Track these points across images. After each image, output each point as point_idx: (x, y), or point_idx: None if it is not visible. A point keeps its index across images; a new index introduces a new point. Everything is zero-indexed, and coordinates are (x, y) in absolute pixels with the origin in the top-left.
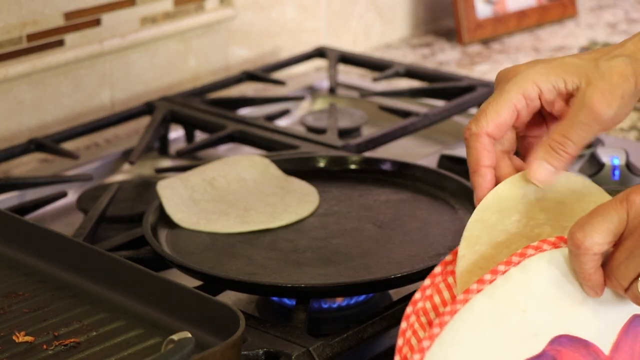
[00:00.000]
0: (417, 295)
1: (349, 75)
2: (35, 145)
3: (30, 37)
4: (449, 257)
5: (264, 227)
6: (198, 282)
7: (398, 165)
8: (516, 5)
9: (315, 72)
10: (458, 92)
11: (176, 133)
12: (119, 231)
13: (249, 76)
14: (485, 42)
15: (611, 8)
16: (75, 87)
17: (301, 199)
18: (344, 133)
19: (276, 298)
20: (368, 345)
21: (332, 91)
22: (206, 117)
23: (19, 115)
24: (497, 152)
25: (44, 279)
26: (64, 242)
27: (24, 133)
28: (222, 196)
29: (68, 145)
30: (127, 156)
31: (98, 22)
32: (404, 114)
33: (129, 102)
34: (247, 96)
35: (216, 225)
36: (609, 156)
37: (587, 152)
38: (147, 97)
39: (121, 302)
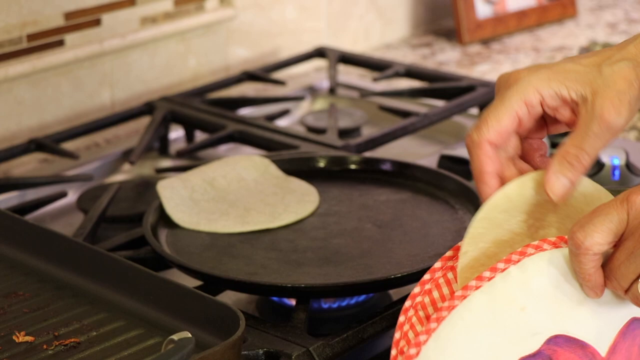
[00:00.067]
0: (416, 289)
1: (349, 75)
2: (35, 145)
3: (30, 37)
4: (450, 253)
5: (264, 227)
6: (198, 282)
7: (398, 165)
8: (516, 5)
9: (315, 72)
10: (458, 92)
11: (176, 133)
12: (119, 231)
13: (249, 76)
14: (485, 42)
15: (611, 8)
16: (75, 87)
17: (301, 199)
18: (344, 133)
19: (276, 298)
20: (368, 345)
21: (332, 91)
22: (206, 117)
23: (19, 115)
24: (502, 159)
25: (44, 279)
26: (64, 242)
27: (24, 133)
28: (222, 196)
29: (68, 145)
30: (127, 156)
31: (98, 22)
32: (404, 114)
33: (129, 102)
34: (247, 96)
35: (216, 225)
36: (609, 156)
37: None
38: (147, 97)
39: (121, 302)
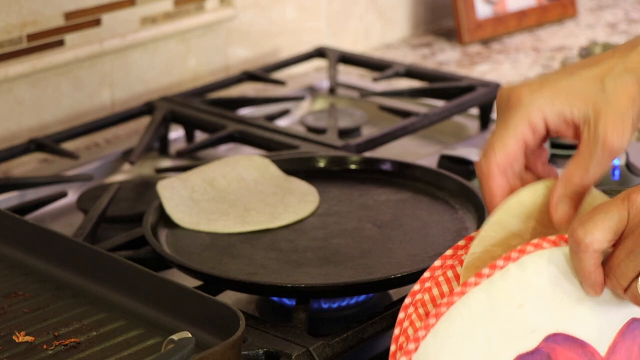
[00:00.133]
0: (416, 287)
1: (349, 75)
2: (35, 145)
3: (30, 37)
4: (450, 252)
5: (264, 227)
6: (198, 282)
7: (398, 165)
8: (516, 5)
9: (315, 72)
10: (458, 92)
11: (176, 133)
12: (119, 231)
13: (249, 76)
14: (485, 42)
15: (611, 8)
16: (75, 87)
17: (301, 199)
18: (344, 133)
19: (276, 298)
20: (368, 345)
21: (332, 91)
22: (206, 117)
23: (19, 115)
24: (509, 177)
25: (44, 279)
26: (64, 242)
27: (24, 133)
28: (222, 196)
29: (68, 145)
30: (127, 156)
31: (98, 22)
32: (404, 114)
33: (129, 102)
34: (247, 96)
35: (216, 225)
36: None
37: None
38: (147, 97)
39: (121, 302)
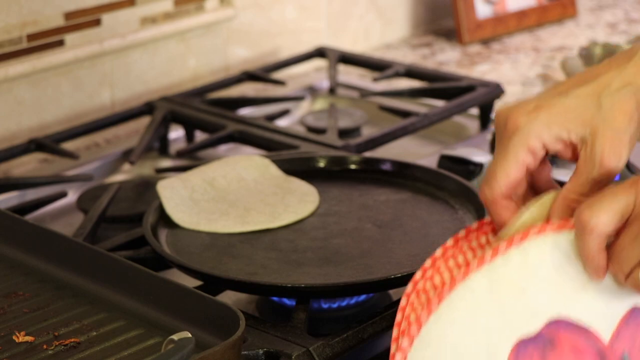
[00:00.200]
0: (418, 274)
1: (349, 75)
2: (35, 145)
3: (30, 37)
4: (450, 242)
5: (264, 227)
6: (198, 282)
7: (398, 165)
8: (516, 5)
9: (315, 72)
10: (458, 92)
11: (176, 133)
12: (119, 231)
13: (249, 76)
14: (485, 42)
15: (611, 8)
16: (75, 87)
17: (301, 199)
18: (344, 133)
19: (276, 298)
20: (368, 345)
21: (332, 91)
22: (206, 117)
23: (19, 115)
24: (515, 199)
25: (44, 279)
26: (64, 242)
27: (24, 133)
28: (222, 196)
29: (68, 145)
30: (127, 156)
31: (98, 22)
32: (404, 114)
33: (129, 102)
34: (247, 96)
35: (216, 225)
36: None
37: None
38: (147, 97)
39: (121, 302)
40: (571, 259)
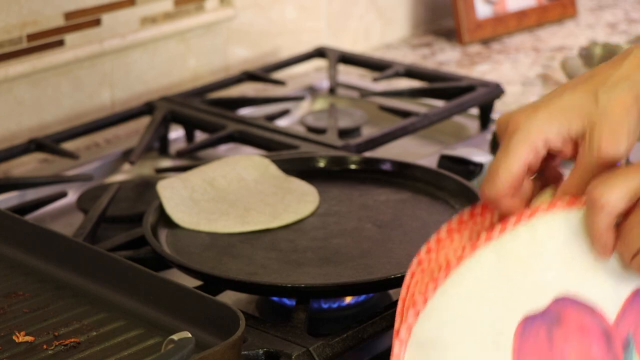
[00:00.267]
0: (423, 251)
1: (349, 75)
2: (35, 145)
3: (30, 37)
4: (455, 223)
5: (264, 227)
6: (198, 282)
7: (398, 165)
8: (516, 5)
9: (315, 72)
10: (458, 92)
11: (176, 133)
12: (119, 231)
13: (249, 76)
14: (485, 42)
15: (611, 8)
16: (75, 87)
17: (301, 199)
18: (344, 133)
19: (276, 298)
20: (368, 345)
21: (332, 91)
22: (206, 117)
23: (19, 115)
24: (521, 196)
25: (44, 279)
26: (64, 242)
27: (24, 133)
28: (222, 196)
29: (68, 145)
30: (127, 156)
31: (98, 22)
32: (404, 114)
33: (129, 102)
34: (247, 96)
35: (216, 225)
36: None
37: None
38: (147, 97)
39: (121, 302)
40: (580, 237)
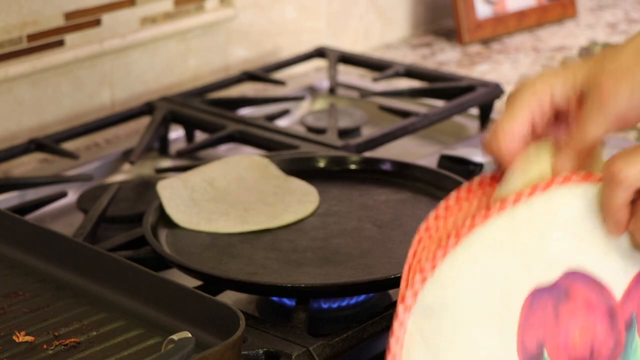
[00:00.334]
0: (432, 216)
1: (349, 75)
2: (35, 145)
3: (30, 37)
4: (463, 191)
5: (264, 227)
6: (198, 282)
7: (398, 165)
8: (516, 5)
9: (315, 72)
10: (458, 92)
11: (176, 133)
12: (119, 231)
13: (249, 76)
14: (485, 42)
15: (611, 8)
16: (75, 87)
17: (301, 199)
18: (344, 133)
19: (276, 298)
20: (368, 345)
21: (332, 91)
22: (206, 117)
23: (19, 115)
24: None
25: (44, 279)
26: (64, 242)
27: (24, 133)
28: (222, 196)
29: (68, 145)
30: (127, 156)
31: (98, 22)
32: (404, 114)
33: (129, 102)
34: (247, 96)
35: (216, 225)
36: (609, 156)
37: None
38: (147, 97)
39: (121, 302)
40: (594, 212)
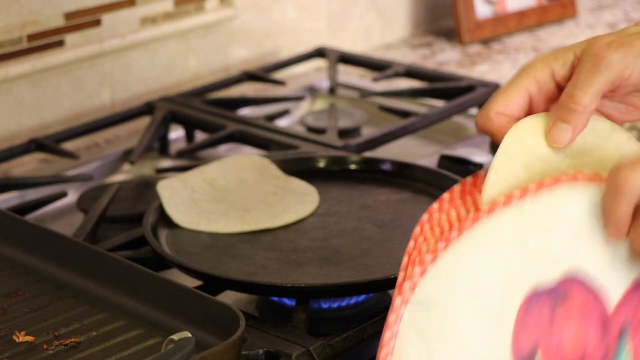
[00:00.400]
0: (435, 205)
1: (349, 75)
2: (35, 145)
3: (30, 37)
4: (469, 179)
5: (264, 227)
6: (198, 282)
7: (398, 165)
8: (516, 5)
9: (315, 72)
10: (458, 92)
11: (176, 133)
12: (119, 231)
13: (249, 76)
14: (485, 42)
15: (611, 8)
16: (75, 87)
17: (301, 199)
18: (344, 133)
19: (276, 298)
20: (368, 345)
21: (332, 91)
22: (206, 117)
23: (19, 115)
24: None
25: (44, 279)
26: (64, 242)
27: (24, 133)
28: (222, 196)
29: (68, 145)
30: (127, 156)
31: (98, 22)
32: (404, 114)
33: (129, 102)
34: (247, 96)
35: (216, 225)
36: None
37: None
38: (147, 97)
39: (121, 302)
40: (597, 214)
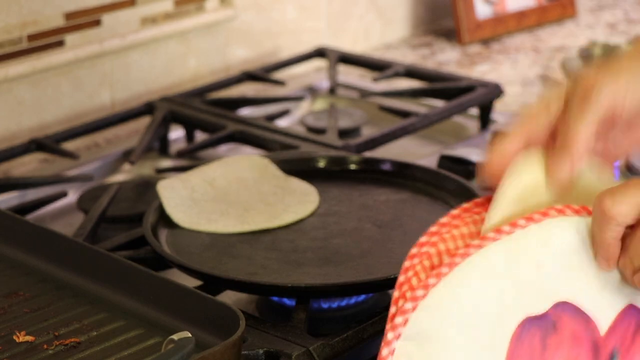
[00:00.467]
0: (423, 239)
1: (349, 75)
2: (35, 145)
3: (30, 38)
4: (456, 212)
5: (264, 227)
6: (198, 282)
7: (398, 165)
8: (516, 5)
9: (315, 72)
10: (458, 92)
11: (176, 133)
12: (119, 231)
13: (249, 76)
14: (485, 42)
15: (611, 8)
16: (75, 87)
17: (301, 199)
18: (344, 133)
19: (276, 298)
20: (368, 345)
21: (332, 91)
22: (206, 117)
23: (19, 115)
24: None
25: (44, 279)
26: (64, 242)
27: (24, 133)
28: (222, 196)
29: (68, 145)
30: (127, 156)
31: (98, 23)
32: (404, 114)
33: (129, 102)
34: (247, 96)
35: (216, 225)
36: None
37: None
38: (147, 97)
39: (121, 302)
40: (587, 245)
